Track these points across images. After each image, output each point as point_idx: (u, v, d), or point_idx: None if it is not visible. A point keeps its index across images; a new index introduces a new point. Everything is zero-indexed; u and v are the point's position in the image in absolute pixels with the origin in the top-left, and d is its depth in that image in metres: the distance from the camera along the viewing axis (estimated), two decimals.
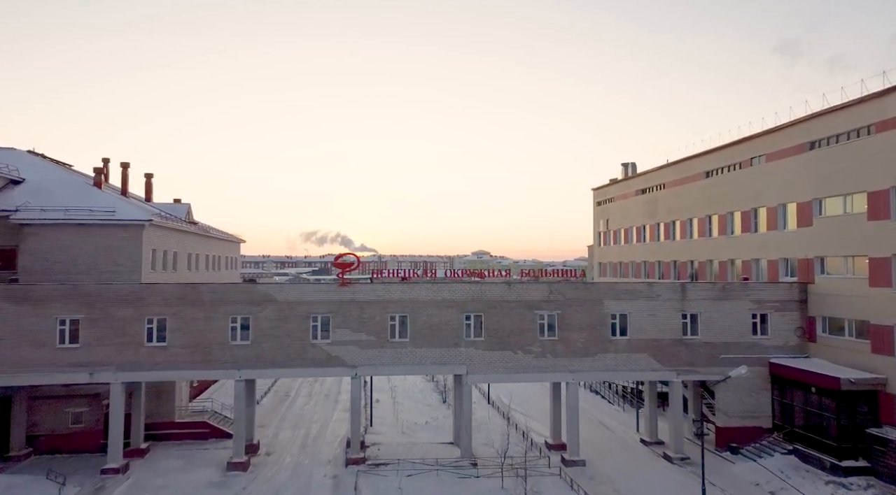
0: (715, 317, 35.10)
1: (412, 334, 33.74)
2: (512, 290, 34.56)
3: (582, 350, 34.38)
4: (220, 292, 32.78)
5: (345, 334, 33.24)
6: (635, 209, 58.63)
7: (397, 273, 35.15)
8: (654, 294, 35.09)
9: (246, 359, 32.56)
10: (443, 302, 34.06)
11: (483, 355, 33.96)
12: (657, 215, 54.13)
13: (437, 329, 33.88)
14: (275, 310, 32.94)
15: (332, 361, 33.12)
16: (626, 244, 60.64)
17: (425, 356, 33.74)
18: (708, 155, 46.30)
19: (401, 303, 33.81)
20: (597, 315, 34.69)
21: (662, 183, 53.70)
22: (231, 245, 62.46)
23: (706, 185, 46.48)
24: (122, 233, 36.37)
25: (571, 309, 34.60)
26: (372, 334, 33.43)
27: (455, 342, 33.90)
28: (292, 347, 32.89)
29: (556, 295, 34.63)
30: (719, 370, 34.74)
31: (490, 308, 34.28)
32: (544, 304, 34.52)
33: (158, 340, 32.01)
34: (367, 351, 33.33)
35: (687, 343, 34.90)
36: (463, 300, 34.19)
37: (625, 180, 61.94)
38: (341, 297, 33.42)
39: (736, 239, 42.46)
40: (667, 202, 52.48)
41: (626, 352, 34.61)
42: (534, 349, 34.21)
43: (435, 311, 33.98)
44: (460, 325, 34.02)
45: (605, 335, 34.58)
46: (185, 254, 46.38)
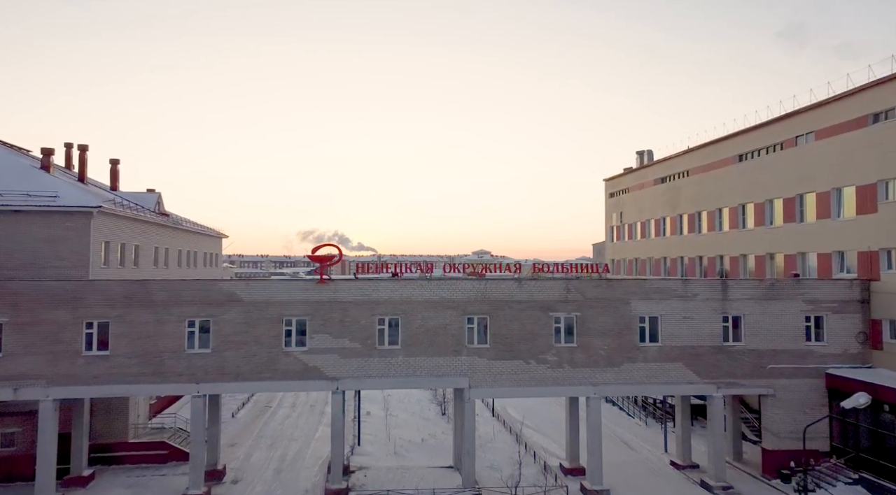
0: (761, 320, 29.76)
1: (404, 340, 28.45)
2: (522, 288, 29.24)
3: (605, 359, 29.08)
4: (174, 290, 27.46)
5: (324, 340, 27.94)
6: (653, 200, 53.31)
7: (387, 268, 29.75)
8: (690, 293, 29.77)
9: (205, 371, 27.24)
10: (441, 302, 28.77)
11: (489, 365, 28.65)
12: (679, 206, 48.81)
13: (433, 334, 28.59)
14: (240, 312, 27.63)
15: (308, 373, 27.81)
16: (643, 239, 55.32)
17: (420, 366, 28.44)
18: (741, 136, 40.98)
19: (391, 304, 28.51)
20: (622, 318, 29.37)
21: (686, 170, 48.38)
22: (211, 240, 57.18)
23: (739, 170, 41.16)
24: (66, 222, 31.04)
25: (593, 310, 29.28)
26: (356, 340, 28.13)
27: (455, 349, 28.60)
28: (261, 356, 27.58)
29: (575, 294, 29.32)
30: (766, 382, 29.45)
31: (497, 309, 28.97)
32: (560, 305, 29.20)
33: (99, 348, 26.70)
34: (350, 360, 28.02)
35: (728, 351, 29.57)
36: (465, 300, 28.89)
37: (641, 168, 56.62)
38: (320, 297, 28.11)
39: (777, 230, 37.13)
40: (691, 191, 47.16)
41: (658, 362, 29.30)
42: (548, 358, 28.91)
43: (431, 313, 28.69)
44: (462, 330, 28.72)
45: (632, 341, 29.26)
46: (151, 249, 41.08)
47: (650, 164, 54.90)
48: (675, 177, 50.36)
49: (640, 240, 55.96)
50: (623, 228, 60.26)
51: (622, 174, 60.62)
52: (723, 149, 43.13)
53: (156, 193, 46.26)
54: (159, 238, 42.89)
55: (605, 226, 65.13)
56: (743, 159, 40.97)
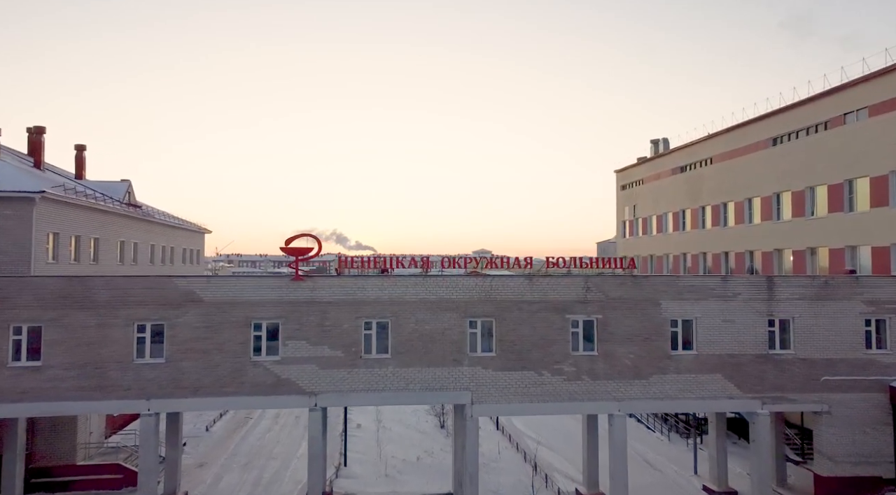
0: (814, 324, 25.42)
1: (395, 348, 24.13)
2: (534, 286, 24.90)
3: (631, 370, 24.75)
4: (120, 288, 23.12)
5: (300, 348, 23.62)
6: (671, 191, 48.97)
7: (374, 263, 25.39)
8: (731, 292, 25.43)
9: (158, 385, 22.92)
10: (439, 302, 24.45)
11: (494, 377, 24.33)
12: (701, 197, 44.47)
13: (430, 340, 24.27)
14: (200, 315, 23.31)
15: (281, 386, 23.47)
16: (660, 234, 50.97)
17: (413, 378, 24.11)
18: (775, 116, 36.66)
19: (379, 305, 24.20)
20: (651, 321, 25.05)
21: (709, 157, 44.04)
22: (191, 235, 52.82)
23: (773, 155, 36.82)
24: (3, 209, 26.81)
25: (616, 312, 24.96)
26: (338, 348, 23.81)
27: (455, 359, 24.29)
28: (225, 367, 23.25)
29: (595, 293, 24.98)
30: (819, 397, 25.12)
31: (504, 311, 24.66)
32: (579, 306, 24.89)
33: (30, 358, 22.37)
34: (330, 372, 23.69)
35: (775, 360, 25.24)
36: (467, 300, 24.58)
37: (657, 157, 52.29)
38: (295, 296, 23.79)
39: (820, 221, 32.81)
40: (715, 180, 42.83)
41: (692, 373, 24.97)
42: (565, 368, 24.59)
43: (427, 316, 24.37)
44: (463, 335, 24.41)
45: (662, 349, 24.94)
46: (116, 243, 36.77)
47: (667, 152, 50.56)
48: (695, 165, 46.03)
49: (656, 235, 51.62)
50: (636, 223, 55.93)
51: (636, 164, 56.29)
52: (753, 133, 38.79)
53: (125, 182, 41.93)
54: (127, 231, 38.58)
55: (615, 221, 60.81)
56: (777, 143, 36.63)
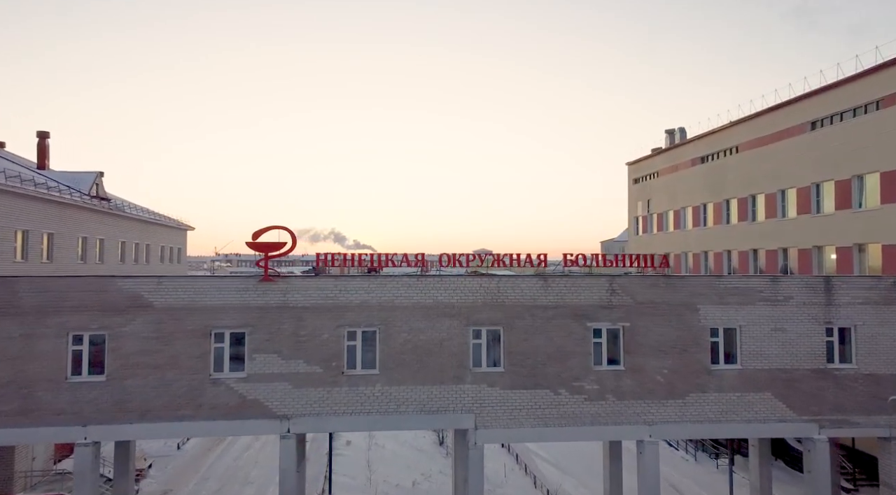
0: (880, 333, 21.50)
1: (385, 362, 20.23)
2: (550, 288, 20.99)
3: (665, 387, 20.86)
4: (52, 292, 19.20)
5: (270, 363, 19.72)
6: (691, 183, 45.02)
7: (360, 260, 21.43)
8: (781, 295, 21.52)
9: (97, 408, 19.03)
10: (436, 307, 20.56)
11: (502, 397, 20.43)
12: (726, 189, 40.53)
13: (426, 353, 20.37)
14: (150, 323, 19.40)
15: (247, 409, 19.56)
16: (677, 230, 47.02)
17: (406, 399, 20.20)
18: (815, 97, 32.70)
19: (366, 310, 20.30)
20: (688, 329, 21.15)
21: (734, 145, 40.09)
22: (170, 232, 48.93)
23: (812, 141, 32.88)
24: None
25: (646, 319, 21.07)
26: (316, 362, 19.91)
27: (456, 375, 20.39)
28: (179, 386, 19.35)
29: (622, 296, 21.09)
30: (887, 420, 21.20)
31: (514, 317, 20.76)
32: (602, 312, 20.99)
33: None
34: (307, 391, 19.79)
35: (834, 375, 21.34)
36: (469, 305, 20.69)
37: (674, 148, 48.32)
38: (264, 301, 19.89)
39: (870, 213, 28.88)
40: (742, 170, 38.88)
41: (737, 391, 21.08)
42: (586, 386, 20.69)
43: (423, 323, 20.48)
44: (465, 347, 20.52)
45: (701, 362, 21.05)
46: (76, 240, 32.91)
47: (686, 142, 46.58)
48: (718, 155, 42.08)
49: (673, 231, 47.66)
50: (650, 219, 51.96)
51: (650, 156, 52.31)
52: (787, 117, 34.85)
53: (93, 173, 38.08)
54: (91, 227, 34.73)
55: (627, 217, 56.85)
56: (817, 127, 32.68)
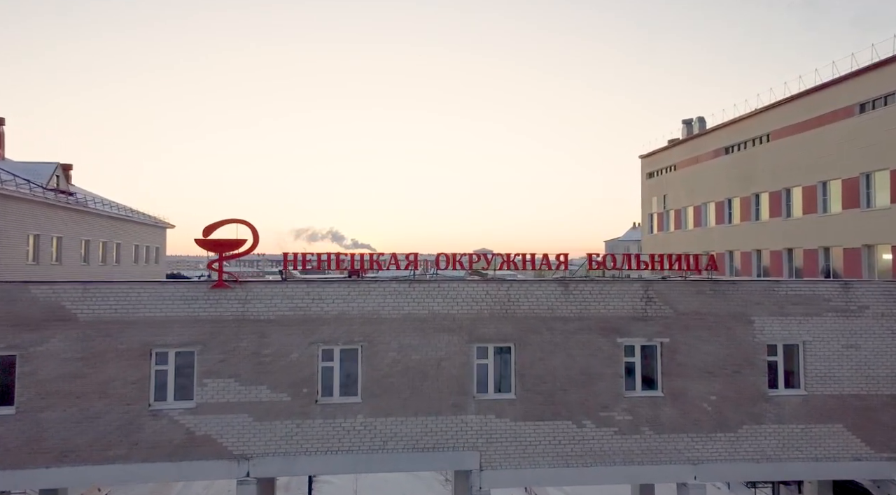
0: None
1: (368, 388, 16.36)
2: (571, 295, 17.12)
3: (713, 418, 16.98)
4: None
5: (225, 389, 15.85)
6: (714, 176, 41.13)
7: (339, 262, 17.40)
8: (854, 304, 17.63)
9: (5, 448, 15.17)
10: (432, 320, 16.70)
11: (514, 430, 16.56)
12: (755, 182, 36.65)
13: (419, 376, 16.50)
14: (73, 341, 15.54)
15: (196, 447, 15.67)
16: (698, 228, 43.13)
17: (395, 433, 16.33)
18: (863, 76, 28.81)
19: (345, 324, 16.43)
20: (740, 346, 17.28)
21: (765, 133, 36.19)
22: (145, 229, 45.02)
23: (860, 125, 28.99)
24: None
25: (690, 334, 17.20)
26: (283, 389, 16.03)
27: (456, 403, 16.52)
28: (110, 419, 15.48)
29: (660, 305, 17.22)
30: None
31: (528, 332, 16.90)
32: (636, 325, 17.13)
33: None
34: (271, 425, 15.92)
35: None
36: (473, 316, 16.83)
37: (694, 138, 44.41)
38: (218, 312, 16.02)
39: None
40: (774, 160, 34.99)
41: (800, 423, 17.20)
42: (616, 416, 16.81)
43: (416, 339, 16.61)
44: (467, 368, 16.65)
45: (756, 387, 17.17)
46: (24, 237, 29.07)
47: (707, 131, 42.67)
48: (746, 144, 38.20)
49: (693, 229, 43.77)
50: (666, 216, 48.07)
51: (666, 147, 48.38)
52: (830, 99, 30.95)
53: (52, 164, 34.23)
54: (45, 223, 30.87)
55: (641, 215, 52.96)
56: (867, 109, 28.78)
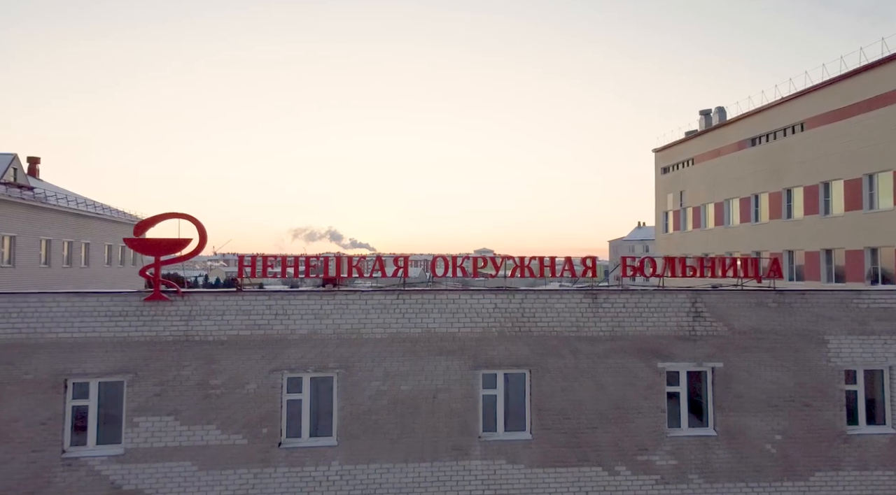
0: None
1: (346, 426, 12.93)
2: (600, 309, 13.71)
3: (778, 462, 13.56)
4: None
5: (163, 430, 12.42)
6: (738, 170, 37.73)
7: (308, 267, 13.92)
8: None
9: None
10: (427, 340, 13.29)
11: (530, 479, 13.13)
12: (787, 176, 33.25)
13: (410, 411, 13.09)
14: None
15: None
16: (720, 226, 39.72)
17: (380, 485, 12.89)
18: None
19: (317, 346, 13.01)
20: (810, 373, 13.86)
21: (799, 122, 32.79)
22: (120, 227, 41.57)
23: None
24: None
25: (748, 357, 13.78)
26: (237, 429, 12.61)
27: (458, 444, 13.10)
28: (12, 470, 12.04)
29: (710, 321, 13.81)
30: None
31: (547, 355, 13.49)
32: (681, 346, 13.71)
33: None
34: (221, 475, 12.48)
35: None
36: (478, 336, 13.42)
37: (715, 129, 41.01)
38: (155, 332, 12.61)
39: None
40: (809, 152, 31.59)
41: (888, 469, 13.77)
42: (657, 461, 13.39)
43: (406, 364, 13.20)
44: (471, 401, 13.24)
45: (831, 423, 13.75)
46: None
47: (730, 121, 39.26)
48: (775, 134, 34.80)
49: (714, 228, 40.36)
50: (683, 214, 44.66)
51: (683, 140, 44.98)
52: (877, 81, 27.56)
53: (9, 155, 30.86)
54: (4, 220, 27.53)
55: (654, 213, 49.54)
56: None
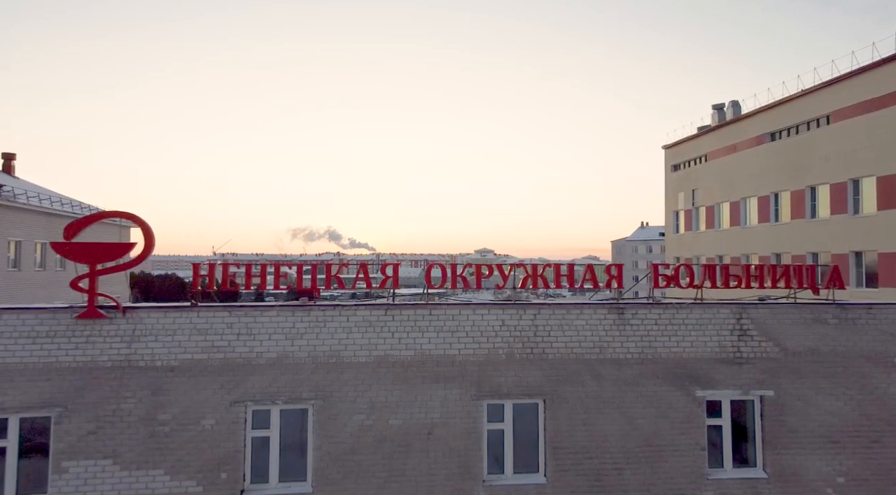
0: None
1: (323, 468, 10.70)
2: (628, 326, 11.49)
3: None
4: None
5: (97, 477, 10.19)
6: (757, 167, 35.49)
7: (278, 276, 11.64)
8: None
9: None
10: (420, 364, 11.08)
11: None
12: (810, 172, 31.03)
13: (400, 449, 10.87)
14: None
15: None
16: (736, 227, 37.50)
17: None
18: None
19: (288, 372, 10.80)
20: (881, 402, 11.64)
21: (825, 114, 30.55)
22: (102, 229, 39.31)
23: None
24: None
25: (804, 383, 11.56)
26: (190, 474, 10.38)
27: (459, 490, 10.88)
28: None
29: (758, 340, 11.60)
30: None
31: (564, 381, 11.28)
32: (724, 371, 11.50)
33: None
34: None
35: None
36: (483, 359, 11.21)
37: (731, 123, 38.78)
38: (89, 357, 10.38)
39: None
40: (837, 145, 29.36)
41: None
42: None
43: (396, 393, 10.98)
44: (474, 437, 11.01)
45: None
46: None
47: (747, 115, 37.01)
48: (798, 128, 32.56)
49: (729, 228, 38.14)
50: (695, 213, 42.42)
51: (695, 135, 42.73)
52: None
53: None
54: None
55: (664, 212, 47.29)
56: None
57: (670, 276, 11.83)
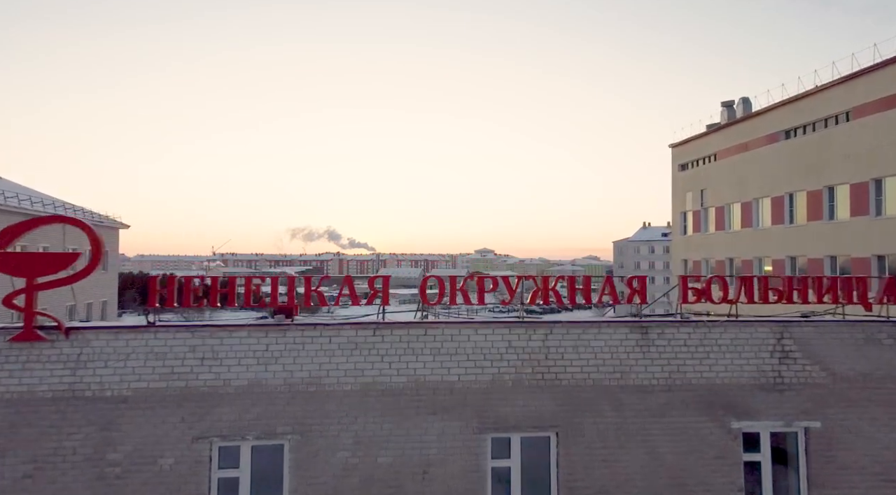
0: None
1: None
2: (653, 347, 10.00)
3: None
4: None
5: None
6: (770, 166, 33.98)
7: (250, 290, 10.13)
8: None
9: None
10: (414, 393, 9.59)
11: None
12: (828, 172, 29.53)
13: (392, 491, 9.37)
14: None
15: None
16: (747, 228, 35.99)
17: None
18: None
19: (261, 402, 9.30)
20: None
21: (844, 110, 29.05)
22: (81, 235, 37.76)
23: None
24: None
25: (855, 412, 10.06)
26: None
27: None
28: None
29: (803, 363, 10.10)
30: None
31: (579, 410, 9.78)
32: (764, 399, 9.99)
33: None
34: None
35: None
36: (486, 386, 9.72)
37: (742, 121, 37.27)
38: (25, 386, 8.86)
39: None
40: (857, 143, 27.86)
41: None
42: None
43: (386, 426, 9.48)
44: (476, 476, 9.51)
45: None
46: None
47: (759, 113, 35.50)
48: (815, 125, 31.07)
49: (741, 230, 36.62)
50: (704, 214, 40.91)
51: (704, 133, 41.23)
52: None
53: None
54: None
55: (671, 213, 45.80)
56: None
57: (701, 290, 10.31)
